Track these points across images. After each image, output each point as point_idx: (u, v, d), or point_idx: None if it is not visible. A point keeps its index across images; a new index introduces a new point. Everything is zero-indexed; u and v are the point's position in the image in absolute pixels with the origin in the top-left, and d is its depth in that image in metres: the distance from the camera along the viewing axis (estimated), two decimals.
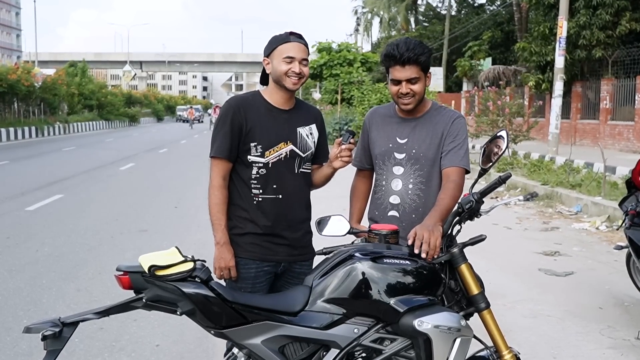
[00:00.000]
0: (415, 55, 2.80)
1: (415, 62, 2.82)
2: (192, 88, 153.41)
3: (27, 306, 5.24)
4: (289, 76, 2.84)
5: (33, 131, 31.38)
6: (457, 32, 41.57)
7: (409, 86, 2.85)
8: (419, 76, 2.85)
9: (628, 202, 5.20)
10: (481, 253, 3.42)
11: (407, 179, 2.94)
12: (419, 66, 2.83)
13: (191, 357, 4.17)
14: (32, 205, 10.29)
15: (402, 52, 2.80)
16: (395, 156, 2.97)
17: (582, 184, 11.13)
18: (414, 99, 2.89)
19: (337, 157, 2.90)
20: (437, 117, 2.96)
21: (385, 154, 3.00)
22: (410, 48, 2.80)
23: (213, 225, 2.86)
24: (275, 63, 2.86)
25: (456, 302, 2.60)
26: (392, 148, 2.98)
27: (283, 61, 2.83)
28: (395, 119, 3.03)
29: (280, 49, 2.86)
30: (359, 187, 3.22)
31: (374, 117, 3.12)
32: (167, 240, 7.56)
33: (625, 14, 20.83)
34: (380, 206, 3.03)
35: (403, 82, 2.85)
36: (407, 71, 2.83)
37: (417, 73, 2.84)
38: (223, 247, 2.82)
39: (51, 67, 57.52)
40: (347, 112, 26.16)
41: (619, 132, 20.25)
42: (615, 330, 4.85)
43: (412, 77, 2.84)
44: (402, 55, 2.80)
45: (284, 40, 2.87)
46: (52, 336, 2.17)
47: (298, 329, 2.37)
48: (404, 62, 2.81)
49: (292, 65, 2.83)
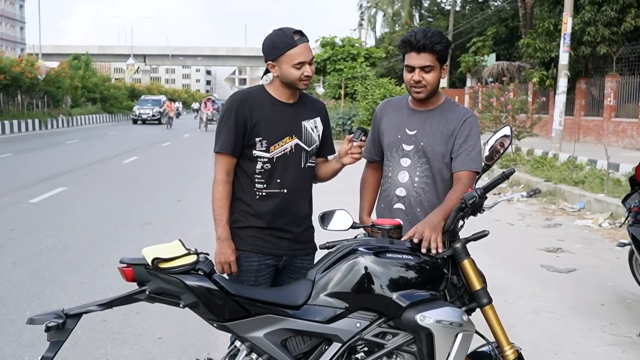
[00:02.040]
0: (431, 43, 2.79)
1: (431, 50, 2.80)
2: (196, 82, 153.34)
3: (30, 298, 5.26)
4: (302, 80, 2.82)
5: (36, 124, 31.39)
6: (461, 28, 41.46)
7: (422, 74, 2.84)
8: (433, 65, 2.83)
9: (631, 199, 5.19)
10: (483, 249, 3.42)
11: (414, 171, 2.93)
12: (434, 55, 2.82)
13: (193, 350, 4.18)
14: (35, 198, 10.31)
15: (419, 39, 2.79)
16: (404, 147, 2.95)
17: (585, 180, 11.12)
18: (426, 88, 2.87)
19: (347, 154, 2.88)
20: (449, 112, 2.94)
21: (394, 145, 2.98)
22: (428, 36, 2.79)
23: (215, 220, 2.86)
24: (284, 69, 2.80)
25: (458, 297, 2.61)
26: (400, 139, 2.97)
27: (294, 67, 2.78)
28: (406, 110, 3.01)
29: (289, 54, 2.77)
30: (369, 180, 3.21)
31: (386, 107, 3.11)
32: (170, 234, 7.57)
33: (630, 10, 20.74)
34: (386, 198, 3.03)
35: (417, 69, 2.83)
36: (421, 58, 2.82)
37: (432, 62, 2.82)
38: (224, 243, 2.83)
39: (55, 60, 57.55)
40: (350, 107, 26.13)
41: (623, 129, 20.21)
42: (617, 327, 4.85)
43: (425, 65, 2.82)
44: (418, 42, 2.79)
45: (291, 45, 2.76)
46: (55, 327, 2.18)
47: (300, 322, 2.38)
48: (420, 49, 2.80)
49: (303, 69, 2.79)
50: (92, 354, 4.17)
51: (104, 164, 16.29)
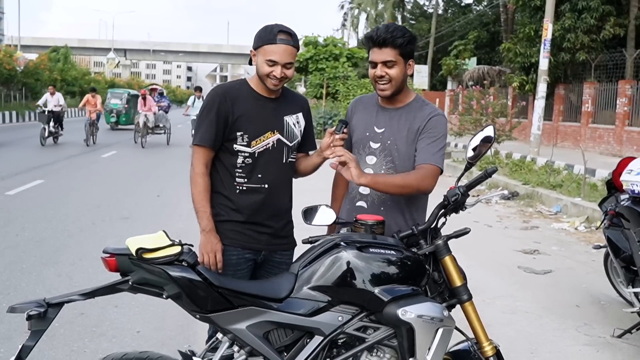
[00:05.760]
0: (392, 37, 2.75)
1: (392, 45, 2.76)
2: (177, 78, 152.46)
3: (7, 290, 5.20)
4: (270, 78, 2.80)
5: (14, 116, 30.97)
6: (444, 31, 41.72)
7: (384, 69, 2.80)
8: (395, 60, 2.79)
9: (608, 202, 5.27)
10: (462, 249, 3.45)
11: (379, 169, 2.89)
12: (396, 49, 2.78)
13: (172, 344, 4.16)
14: (12, 190, 10.18)
15: (380, 34, 2.77)
16: (370, 145, 2.92)
17: (563, 184, 11.27)
18: (390, 84, 2.82)
19: (328, 147, 2.83)
20: (417, 111, 2.88)
21: (361, 142, 2.95)
22: (390, 30, 2.77)
23: (198, 213, 2.84)
24: (259, 61, 2.80)
25: (439, 293, 2.64)
26: (368, 136, 2.93)
27: (266, 63, 2.77)
28: (376, 108, 2.97)
29: (265, 49, 2.77)
30: (341, 178, 3.12)
31: (358, 104, 3.08)
32: (149, 229, 7.45)
33: (609, 19, 21.10)
34: (350, 194, 3.00)
35: (379, 64, 2.80)
36: (383, 53, 2.79)
37: (394, 56, 2.78)
38: (209, 234, 2.81)
39: (34, 52, 56.70)
40: (332, 106, 26.18)
41: (600, 135, 20.50)
42: (592, 327, 4.94)
43: (387, 60, 2.78)
44: (379, 36, 2.77)
45: (270, 41, 2.76)
46: (37, 316, 2.17)
47: (283, 315, 2.39)
48: (381, 44, 2.78)
49: (274, 68, 2.77)
50: (69, 346, 4.14)
51: (82, 157, 16.14)
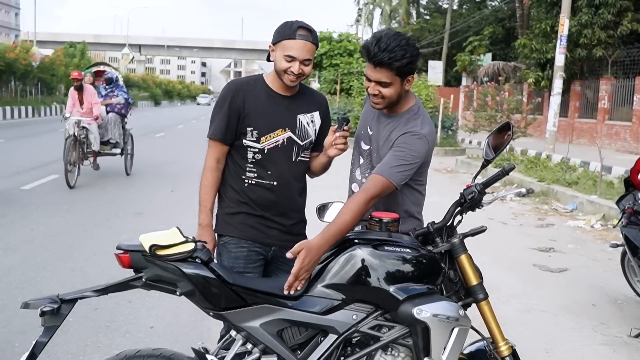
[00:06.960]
0: (389, 60, 2.50)
1: (388, 67, 2.52)
2: (191, 73, 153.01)
3: (22, 284, 5.23)
4: (287, 73, 2.77)
5: (30, 111, 31.22)
6: (458, 27, 41.44)
7: (377, 87, 2.60)
8: (390, 81, 2.56)
9: (625, 200, 5.21)
10: (476, 247, 3.41)
11: (365, 171, 2.84)
12: (392, 71, 2.54)
13: (185, 340, 4.16)
14: (27, 185, 10.26)
15: (376, 52, 2.51)
16: (362, 145, 2.87)
17: (578, 182, 11.17)
18: (383, 100, 2.64)
19: (331, 145, 2.79)
20: (402, 124, 2.68)
21: (357, 140, 2.90)
22: (388, 49, 2.49)
23: (199, 206, 2.89)
24: (277, 56, 2.77)
25: (455, 292, 2.60)
26: (362, 135, 2.88)
27: (284, 58, 2.73)
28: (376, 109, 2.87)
29: (284, 44, 2.73)
30: None
31: (367, 100, 2.97)
32: (162, 224, 7.52)
33: (627, 14, 20.85)
34: (348, 191, 2.95)
35: (373, 82, 2.61)
36: (377, 73, 2.56)
37: (389, 78, 2.55)
38: (204, 230, 2.87)
39: (49, 47, 57.09)
40: (345, 102, 26.12)
41: (616, 132, 20.30)
42: (609, 327, 4.88)
43: (382, 81, 2.57)
44: (375, 56, 2.52)
45: (289, 36, 2.72)
46: (50, 312, 2.17)
47: (297, 313, 2.37)
48: (376, 64, 2.55)
49: (291, 64, 2.73)
50: (83, 341, 4.16)
51: None
